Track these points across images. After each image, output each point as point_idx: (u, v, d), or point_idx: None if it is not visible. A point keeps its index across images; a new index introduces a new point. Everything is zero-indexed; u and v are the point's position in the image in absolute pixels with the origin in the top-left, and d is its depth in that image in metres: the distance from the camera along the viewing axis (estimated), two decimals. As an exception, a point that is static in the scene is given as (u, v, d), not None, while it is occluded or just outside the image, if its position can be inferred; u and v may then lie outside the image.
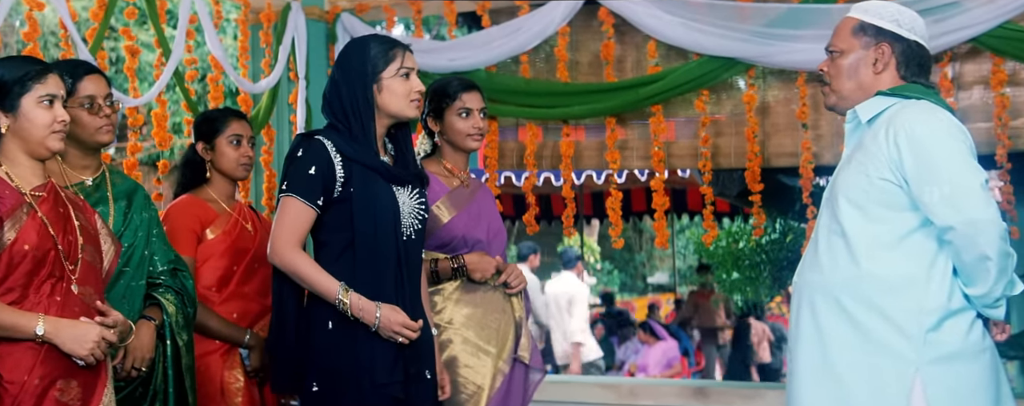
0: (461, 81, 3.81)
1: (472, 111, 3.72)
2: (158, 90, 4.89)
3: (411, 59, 3.26)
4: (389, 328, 3.10)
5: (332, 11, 6.03)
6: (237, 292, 3.79)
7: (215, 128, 3.90)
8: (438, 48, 6.04)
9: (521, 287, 3.74)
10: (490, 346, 3.63)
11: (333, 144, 3.18)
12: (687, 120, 5.74)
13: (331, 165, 3.16)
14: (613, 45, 5.60)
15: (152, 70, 5.45)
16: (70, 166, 3.24)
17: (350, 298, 3.10)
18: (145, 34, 9.58)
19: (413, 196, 3.30)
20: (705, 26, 5.32)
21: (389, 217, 3.20)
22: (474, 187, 3.82)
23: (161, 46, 4.97)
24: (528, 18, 5.68)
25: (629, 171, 8.63)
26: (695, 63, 5.42)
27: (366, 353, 3.14)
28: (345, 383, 3.15)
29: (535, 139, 5.80)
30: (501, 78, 5.82)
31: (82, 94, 3.23)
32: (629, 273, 25.02)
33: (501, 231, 3.86)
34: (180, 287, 3.37)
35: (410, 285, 3.25)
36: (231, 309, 3.74)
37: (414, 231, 3.28)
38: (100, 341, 2.72)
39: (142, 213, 3.35)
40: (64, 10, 4.31)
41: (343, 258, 3.19)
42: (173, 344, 3.31)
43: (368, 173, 3.20)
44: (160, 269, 3.34)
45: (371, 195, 3.19)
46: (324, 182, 3.16)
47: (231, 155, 3.89)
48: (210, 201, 3.86)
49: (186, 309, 3.37)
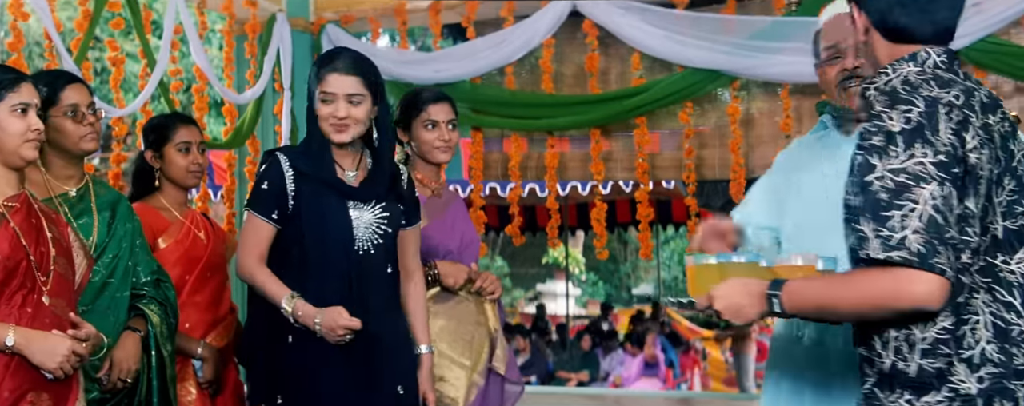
0: (430, 92, 3.77)
1: (439, 123, 3.66)
2: (143, 100, 4.89)
3: (336, 82, 3.17)
4: (332, 330, 3.09)
5: (318, 22, 6.03)
6: (189, 301, 3.70)
7: (163, 135, 3.82)
8: (423, 59, 6.06)
9: (497, 293, 3.70)
10: (464, 358, 3.60)
11: (288, 160, 3.22)
12: (671, 132, 5.76)
13: (283, 180, 3.20)
14: (598, 57, 5.62)
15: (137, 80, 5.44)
16: (53, 176, 3.22)
17: (294, 305, 3.11)
18: (130, 44, 9.58)
19: (375, 211, 3.27)
20: (689, 38, 5.35)
21: (337, 232, 3.20)
22: (447, 198, 3.79)
23: (146, 56, 4.97)
24: (513, 30, 5.70)
25: (614, 182, 8.65)
26: (679, 75, 5.45)
27: (321, 369, 3.15)
28: (305, 397, 3.17)
29: (520, 150, 5.81)
30: (486, 89, 5.84)
31: (65, 103, 3.21)
32: (614, 284, 25.07)
33: (474, 242, 3.83)
34: (163, 298, 3.35)
35: (365, 299, 3.21)
36: (183, 319, 3.61)
37: (373, 246, 3.24)
38: (70, 355, 2.66)
39: (126, 224, 3.32)
40: (49, 20, 4.31)
41: (295, 271, 3.20)
42: (158, 355, 3.28)
43: (320, 188, 3.21)
44: (144, 280, 3.32)
45: (319, 210, 3.20)
46: (277, 197, 3.20)
47: (180, 162, 3.80)
48: (161, 209, 3.78)
49: (170, 320, 3.35)
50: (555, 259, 20.90)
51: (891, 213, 1.94)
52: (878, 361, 2.10)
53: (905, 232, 1.92)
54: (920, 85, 2.07)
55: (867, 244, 1.97)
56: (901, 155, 1.97)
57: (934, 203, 1.93)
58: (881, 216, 1.95)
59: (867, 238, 1.97)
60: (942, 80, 2.10)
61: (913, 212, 1.93)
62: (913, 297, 1.94)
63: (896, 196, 1.95)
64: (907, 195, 1.94)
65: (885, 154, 1.99)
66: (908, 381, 2.05)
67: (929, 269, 1.92)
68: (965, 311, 2.04)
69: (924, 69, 2.15)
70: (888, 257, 1.93)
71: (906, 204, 1.94)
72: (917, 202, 1.93)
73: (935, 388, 2.03)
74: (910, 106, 2.02)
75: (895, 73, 2.18)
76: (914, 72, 2.15)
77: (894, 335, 2.07)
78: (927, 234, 1.92)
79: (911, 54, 2.18)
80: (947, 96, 2.04)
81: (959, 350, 2.02)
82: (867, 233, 1.97)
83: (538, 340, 13.23)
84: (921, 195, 1.94)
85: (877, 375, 2.12)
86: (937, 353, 2.02)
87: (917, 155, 1.97)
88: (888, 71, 2.19)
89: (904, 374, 2.05)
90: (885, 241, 1.94)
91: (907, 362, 2.05)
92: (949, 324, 2.03)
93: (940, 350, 2.02)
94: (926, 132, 1.98)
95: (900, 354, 2.06)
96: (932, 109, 2.01)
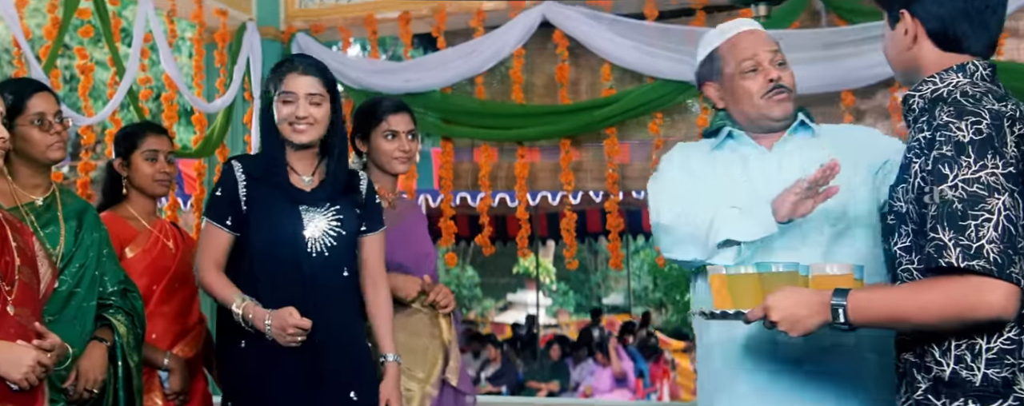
0: (390, 102, 3.75)
1: (398, 133, 3.65)
2: (112, 109, 4.86)
3: (295, 82, 3.21)
4: (282, 329, 3.08)
5: (288, 31, 6.03)
6: (157, 312, 3.68)
7: (131, 143, 3.81)
8: (393, 69, 6.06)
9: (451, 307, 3.67)
10: (417, 370, 3.58)
11: (242, 166, 3.26)
12: (641, 142, 5.79)
13: (235, 186, 3.23)
14: (568, 67, 5.64)
15: (106, 88, 5.41)
16: (20, 185, 3.20)
17: (244, 307, 3.12)
18: (99, 52, 9.52)
19: (329, 214, 3.27)
20: (659, 50, 5.39)
21: (286, 236, 3.21)
22: (402, 209, 3.77)
23: (115, 64, 4.95)
24: (483, 40, 5.71)
25: (584, 192, 8.64)
26: (649, 86, 5.48)
27: (271, 373, 3.16)
28: (255, 402, 3.21)
29: (490, 160, 5.82)
30: (456, 99, 5.85)
31: (32, 111, 3.19)
32: (584, 294, 25.08)
33: (429, 255, 3.80)
34: (130, 308, 3.32)
35: (318, 303, 3.20)
36: (150, 330, 3.58)
37: (327, 249, 3.24)
38: (36, 365, 2.63)
39: (93, 233, 3.30)
40: (17, 28, 4.28)
41: (248, 276, 3.21)
42: (124, 366, 3.25)
43: (271, 192, 3.23)
44: (110, 290, 3.29)
45: (269, 213, 3.22)
46: (231, 204, 3.23)
47: (146, 171, 3.79)
48: (129, 218, 3.77)
49: (136, 330, 3.33)
50: (526, 269, 20.88)
51: (967, 222, 1.97)
52: (936, 369, 2.11)
53: (982, 242, 1.95)
54: (981, 98, 2.12)
55: (947, 252, 1.98)
56: (973, 165, 2.00)
57: (1007, 214, 1.97)
58: (959, 226, 1.98)
59: (946, 247, 1.98)
60: (998, 94, 2.15)
61: (989, 222, 1.96)
62: (990, 307, 1.97)
63: (971, 206, 1.98)
64: (982, 206, 1.97)
65: (957, 164, 2.02)
66: (972, 389, 2.07)
67: (1007, 279, 1.95)
68: (1022, 320, 2.07)
69: (974, 81, 2.19)
70: (969, 266, 1.96)
71: (981, 214, 1.97)
72: (992, 213, 1.96)
73: (1002, 396, 2.05)
74: (979, 118, 2.05)
75: (943, 83, 2.22)
76: (966, 83, 2.19)
77: (955, 343, 2.09)
78: (1002, 244, 1.95)
79: (959, 65, 2.22)
80: (1007, 110, 2.09)
81: (1020, 359, 2.05)
82: (945, 242, 1.99)
83: (510, 350, 13.23)
84: (995, 206, 1.97)
85: (932, 382, 2.12)
86: (1003, 363, 2.05)
87: (989, 166, 2.00)
88: (935, 80, 2.23)
89: (968, 382, 2.07)
90: (965, 250, 1.96)
91: (972, 370, 2.07)
92: (1014, 334, 2.05)
93: (1006, 359, 2.05)
94: (996, 143, 2.02)
95: (962, 362, 2.08)
96: (998, 122, 2.05)
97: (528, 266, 19.86)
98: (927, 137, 2.10)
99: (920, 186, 2.11)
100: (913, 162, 2.13)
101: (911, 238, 2.18)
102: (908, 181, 2.15)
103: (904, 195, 2.16)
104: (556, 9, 5.58)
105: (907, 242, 2.19)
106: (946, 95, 2.18)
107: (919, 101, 2.24)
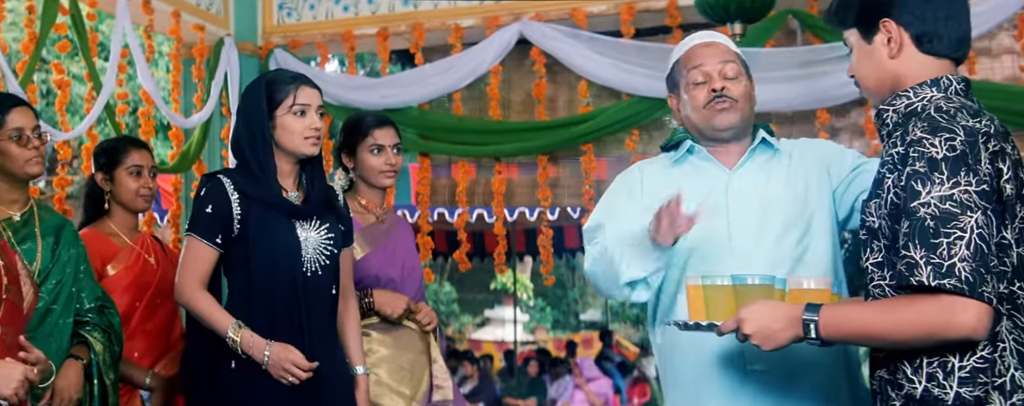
0: (374, 117, 3.78)
1: (384, 147, 3.68)
2: (89, 123, 4.85)
3: (307, 95, 3.20)
4: (279, 366, 3.04)
5: (265, 47, 6.04)
6: (139, 329, 3.67)
7: (115, 158, 3.79)
8: (371, 85, 6.07)
9: (433, 326, 3.70)
10: (403, 387, 3.58)
11: (232, 183, 3.17)
12: (618, 158, 5.81)
13: (228, 203, 3.15)
14: (545, 84, 5.67)
15: (83, 103, 5.40)
16: (-2, 200, 3.20)
17: (241, 335, 3.06)
18: (76, 66, 9.49)
19: (321, 231, 3.24)
20: (636, 67, 5.42)
21: (285, 254, 3.16)
22: (391, 224, 3.78)
23: (92, 79, 4.94)
24: (461, 57, 5.73)
25: (561, 208, 8.69)
26: (626, 103, 5.51)
27: (261, 394, 3.10)
28: None
29: (467, 176, 5.83)
30: (434, 115, 5.87)
31: (10, 127, 3.18)
32: (561, 310, 25.05)
33: (416, 269, 3.81)
34: (107, 325, 3.30)
35: (312, 323, 3.18)
36: (132, 348, 3.57)
37: (320, 267, 3.21)
38: (24, 381, 2.62)
39: (70, 249, 3.28)
40: (-7, 43, 4.27)
41: (242, 296, 3.16)
42: (100, 383, 3.22)
43: (267, 211, 3.17)
44: (87, 306, 3.27)
45: (267, 232, 3.16)
46: (222, 221, 3.15)
47: (130, 186, 3.78)
48: (111, 235, 3.75)
49: (113, 347, 3.30)
50: (503, 285, 20.86)
51: (939, 240, 1.95)
52: (908, 386, 2.09)
53: (953, 260, 1.93)
54: (956, 113, 2.10)
55: (919, 270, 1.96)
56: (946, 183, 1.98)
57: (980, 232, 1.95)
58: (931, 243, 1.96)
59: (918, 265, 1.96)
60: (973, 109, 2.13)
61: (961, 240, 1.94)
62: (962, 327, 1.95)
63: (944, 223, 1.96)
64: (955, 223, 1.95)
65: (929, 180, 2.00)
66: None
67: (979, 298, 1.93)
68: (996, 338, 2.05)
69: (948, 95, 2.18)
70: (941, 284, 1.94)
71: (954, 232, 1.95)
72: (965, 230, 1.95)
73: None
74: (953, 134, 2.03)
75: (917, 97, 2.20)
76: (940, 98, 2.17)
77: (927, 361, 2.07)
78: (974, 262, 1.93)
79: (933, 80, 2.21)
80: (982, 126, 2.07)
81: (993, 377, 2.03)
82: (917, 260, 1.97)
83: (487, 366, 13.22)
84: (968, 223, 1.95)
85: (904, 399, 2.11)
86: (976, 382, 2.02)
87: (962, 183, 1.98)
88: (909, 94, 2.22)
89: (940, 401, 2.05)
90: (937, 268, 1.94)
91: (944, 389, 2.04)
92: (986, 353, 2.03)
93: (979, 378, 2.02)
94: (970, 160, 2.00)
95: (935, 380, 2.06)
96: (972, 138, 2.03)
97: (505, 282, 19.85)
98: (900, 152, 2.09)
99: (893, 201, 2.10)
100: (886, 177, 2.12)
101: (883, 254, 2.16)
102: (881, 196, 2.14)
103: (876, 210, 2.15)
104: (533, 26, 5.61)
105: (879, 258, 2.18)
106: (920, 110, 2.17)
107: (892, 115, 2.22)
